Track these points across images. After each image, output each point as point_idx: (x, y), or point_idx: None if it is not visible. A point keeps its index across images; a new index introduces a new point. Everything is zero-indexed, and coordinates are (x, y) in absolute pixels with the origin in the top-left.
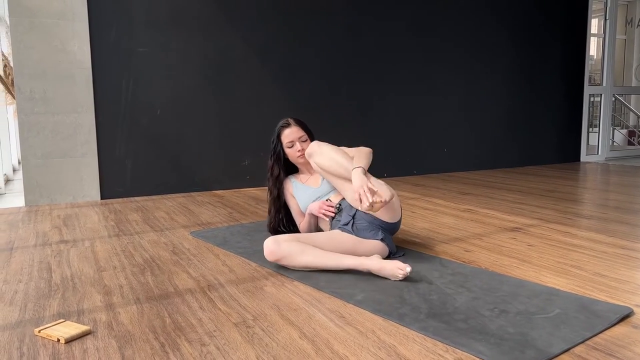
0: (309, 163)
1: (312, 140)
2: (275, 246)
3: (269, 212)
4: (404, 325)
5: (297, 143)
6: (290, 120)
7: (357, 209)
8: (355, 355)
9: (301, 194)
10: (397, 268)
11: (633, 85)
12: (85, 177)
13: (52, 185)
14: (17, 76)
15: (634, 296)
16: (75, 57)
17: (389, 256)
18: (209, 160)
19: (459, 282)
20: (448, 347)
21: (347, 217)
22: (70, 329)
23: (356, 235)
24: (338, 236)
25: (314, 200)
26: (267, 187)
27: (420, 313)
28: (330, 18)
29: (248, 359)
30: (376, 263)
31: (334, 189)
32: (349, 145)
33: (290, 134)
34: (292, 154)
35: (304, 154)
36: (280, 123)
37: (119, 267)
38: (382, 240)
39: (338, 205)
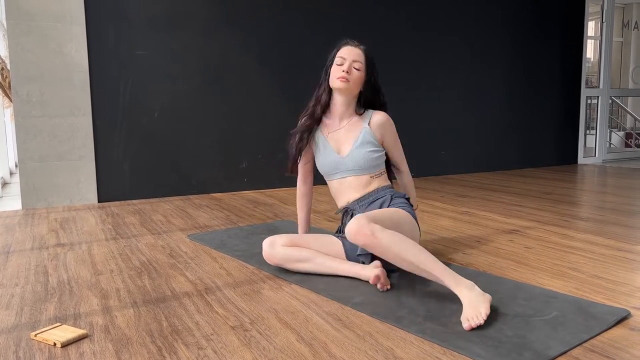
0: (344, 93)
1: (367, 77)
2: (270, 250)
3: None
4: (401, 328)
5: (347, 63)
6: (358, 44)
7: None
8: (353, 358)
9: (320, 156)
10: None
11: (630, 87)
12: (82, 180)
13: (49, 189)
14: (14, 79)
15: (631, 298)
16: (73, 60)
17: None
18: (206, 163)
19: None
20: (446, 349)
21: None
22: (67, 332)
23: (348, 249)
24: (334, 245)
25: (331, 173)
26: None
27: (418, 316)
28: (328, 20)
29: None
30: (369, 273)
31: (357, 168)
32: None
33: (348, 52)
34: (335, 71)
35: (345, 78)
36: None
37: (116, 271)
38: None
39: (343, 210)
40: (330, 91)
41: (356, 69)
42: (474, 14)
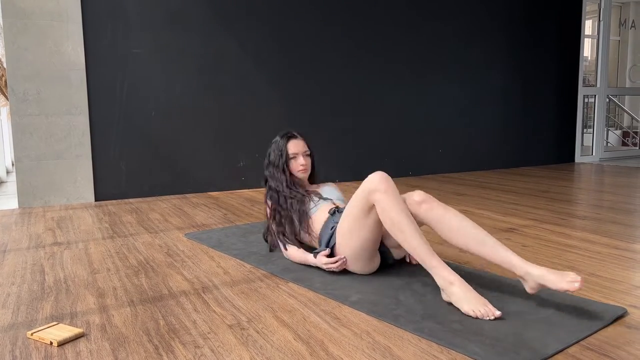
0: (306, 177)
1: (312, 156)
2: (388, 177)
3: (280, 224)
4: (398, 327)
5: (301, 156)
6: (295, 133)
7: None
8: (350, 356)
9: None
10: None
11: (627, 86)
12: (79, 179)
13: (46, 187)
14: (10, 77)
15: (628, 296)
16: (69, 59)
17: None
18: (203, 161)
19: None
20: (443, 348)
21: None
22: (63, 331)
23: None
24: None
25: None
26: (269, 198)
27: (415, 314)
28: (325, 19)
29: None
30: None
31: (329, 198)
32: (345, 149)
33: (296, 146)
34: (294, 165)
35: (305, 169)
36: (284, 133)
37: (112, 269)
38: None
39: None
40: (287, 174)
41: (307, 155)
42: (471, 13)
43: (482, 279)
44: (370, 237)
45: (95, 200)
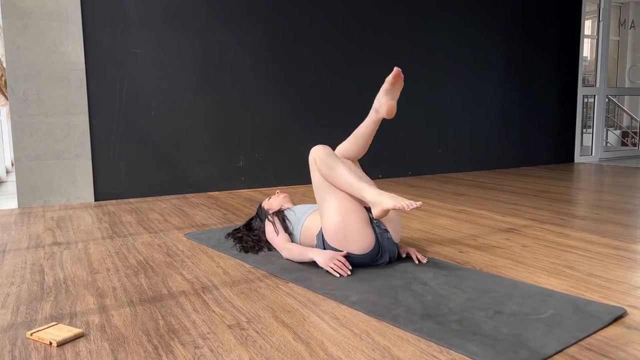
0: (287, 199)
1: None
2: (325, 148)
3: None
4: (398, 327)
5: (272, 200)
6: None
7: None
8: (349, 356)
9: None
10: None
11: (626, 86)
12: (79, 179)
13: (46, 187)
14: (10, 77)
15: (627, 296)
16: (69, 58)
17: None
18: (203, 161)
19: (453, 283)
20: (442, 348)
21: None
22: (63, 332)
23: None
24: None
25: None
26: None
27: (415, 314)
28: (325, 19)
29: None
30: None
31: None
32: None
33: (270, 206)
34: (273, 202)
35: (280, 193)
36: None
37: (112, 269)
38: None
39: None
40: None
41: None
42: (470, 13)
43: (481, 279)
44: (342, 194)
45: (95, 200)
